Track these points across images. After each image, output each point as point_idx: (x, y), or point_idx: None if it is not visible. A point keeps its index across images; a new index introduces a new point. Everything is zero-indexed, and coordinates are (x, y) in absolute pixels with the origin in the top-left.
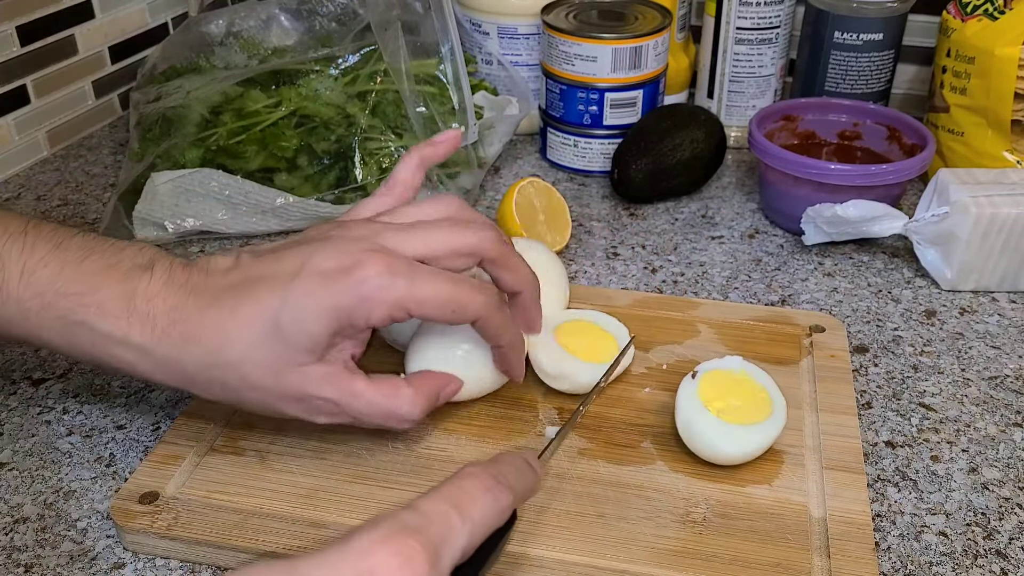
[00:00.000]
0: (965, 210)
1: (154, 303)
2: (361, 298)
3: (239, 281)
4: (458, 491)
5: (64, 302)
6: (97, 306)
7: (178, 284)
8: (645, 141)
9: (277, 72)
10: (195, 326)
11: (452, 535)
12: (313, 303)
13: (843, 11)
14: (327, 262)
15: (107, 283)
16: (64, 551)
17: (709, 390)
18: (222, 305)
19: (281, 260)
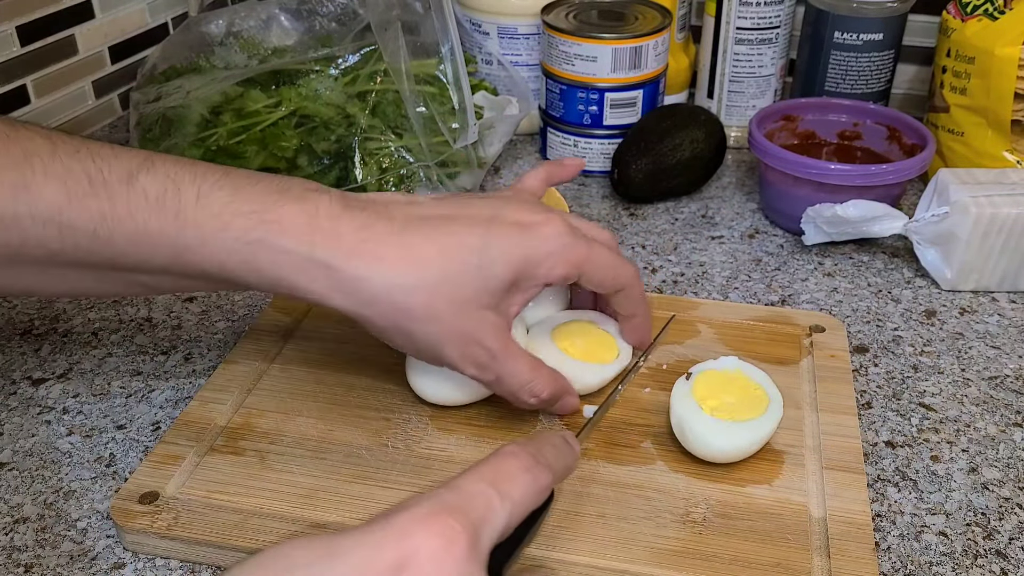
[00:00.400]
0: (965, 210)
1: (340, 222)
2: (548, 252)
3: (431, 215)
4: (497, 470)
5: (242, 221)
6: (278, 222)
7: (357, 208)
8: (645, 141)
9: (277, 72)
10: (390, 248)
11: (492, 515)
12: (507, 247)
13: (843, 11)
14: (519, 214)
15: (284, 202)
16: (64, 551)
17: (703, 389)
18: (417, 232)
19: (467, 205)
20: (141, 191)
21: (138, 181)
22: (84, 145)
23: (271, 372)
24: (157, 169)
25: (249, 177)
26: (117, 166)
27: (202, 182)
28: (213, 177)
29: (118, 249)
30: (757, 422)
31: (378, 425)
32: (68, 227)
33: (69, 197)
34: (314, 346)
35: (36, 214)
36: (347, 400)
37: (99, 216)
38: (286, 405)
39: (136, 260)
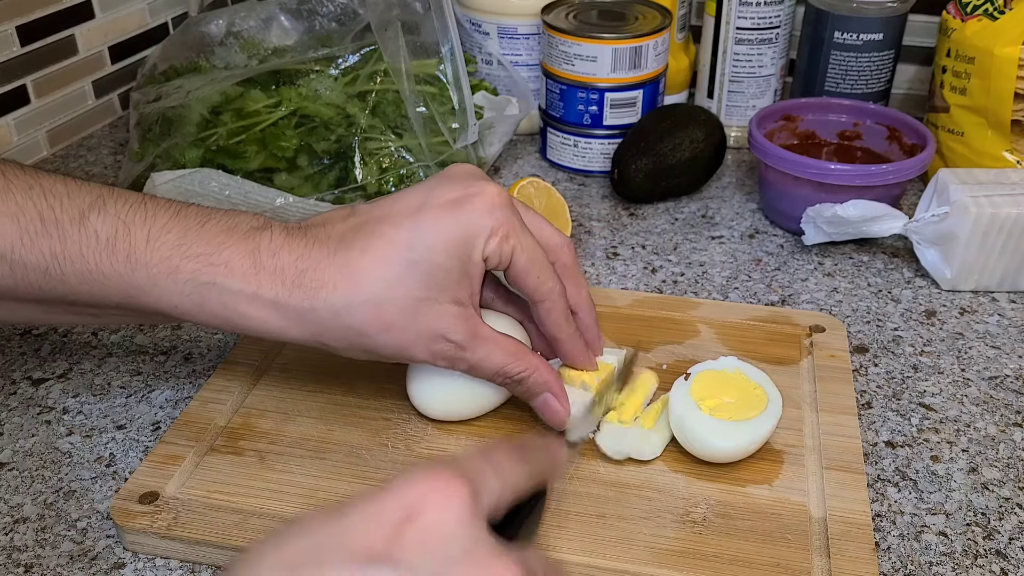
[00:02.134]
0: (965, 210)
1: (279, 256)
2: (481, 225)
3: (361, 223)
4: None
5: (191, 264)
6: (225, 265)
7: (298, 237)
8: (645, 141)
9: (277, 72)
10: (326, 271)
11: (486, 480)
12: (438, 232)
13: (843, 11)
14: (449, 193)
15: (230, 242)
16: (64, 551)
17: (702, 389)
18: (350, 247)
19: (399, 199)
20: (93, 232)
21: (89, 222)
22: (37, 181)
23: (271, 372)
24: (108, 210)
25: (199, 216)
26: (69, 205)
27: (152, 223)
28: (164, 218)
29: (70, 287)
30: (756, 421)
31: (378, 425)
32: (20, 265)
33: (21, 236)
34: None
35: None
36: (347, 400)
37: (51, 256)
38: (286, 405)
39: (89, 298)
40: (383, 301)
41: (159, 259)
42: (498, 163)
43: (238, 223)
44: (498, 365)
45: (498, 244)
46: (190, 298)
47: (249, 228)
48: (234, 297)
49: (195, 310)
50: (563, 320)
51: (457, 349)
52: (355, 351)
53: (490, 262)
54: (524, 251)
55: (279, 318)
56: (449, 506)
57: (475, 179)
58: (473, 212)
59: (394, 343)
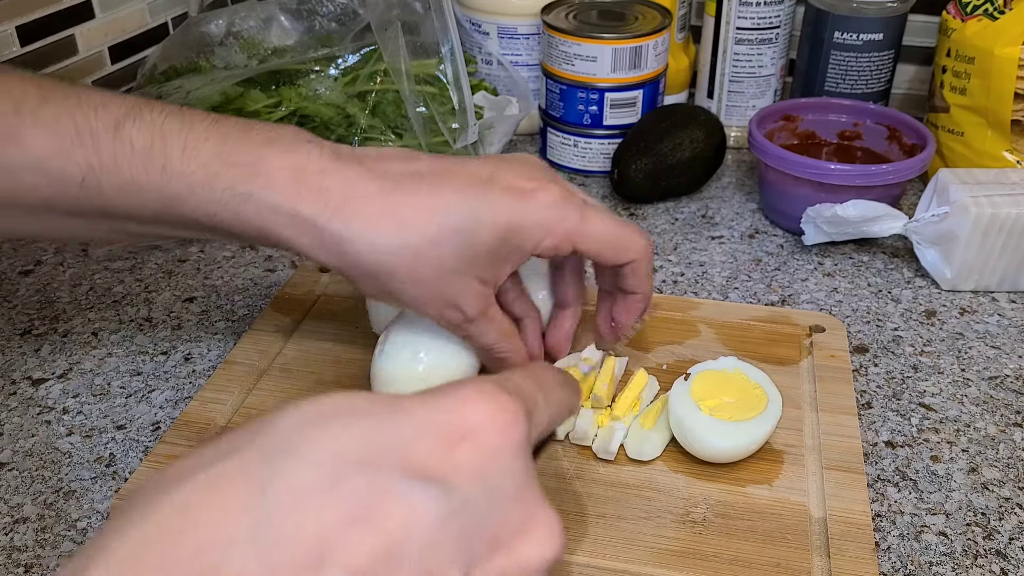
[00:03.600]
0: (965, 210)
1: (328, 176)
2: (537, 222)
3: (423, 172)
4: (539, 376)
5: (230, 173)
6: (265, 176)
7: (350, 163)
8: (645, 141)
9: (277, 72)
10: (376, 208)
11: (538, 412)
12: (496, 213)
13: (843, 11)
14: (515, 179)
15: (272, 155)
16: (64, 551)
17: (701, 389)
18: (406, 192)
19: (465, 164)
20: (128, 141)
21: (125, 131)
22: (74, 92)
23: (271, 372)
24: (144, 118)
25: (239, 126)
26: (104, 115)
27: (189, 132)
28: (201, 127)
29: (107, 198)
30: (755, 422)
31: None
32: (57, 177)
33: (57, 147)
34: (314, 346)
35: (26, 164)
36: None
37: (87, 167)
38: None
39: (125, 209)
40: (420, 256)
41: (196, 167)
42: None
43: (283, 135)
44: (491, 341)
45: (554, 243)
46: (227, 207)
47: (295, 140)
48: (272, 210)
49: (232, 219)
50: (643, 279)
51: (465, 321)
52: (373, 289)
53: (545, 256)
54: (590, 240)
55: (312, 239)
56: (508, 434)
57: (541, 171)
58: (535, 206)
59: (415, 296)
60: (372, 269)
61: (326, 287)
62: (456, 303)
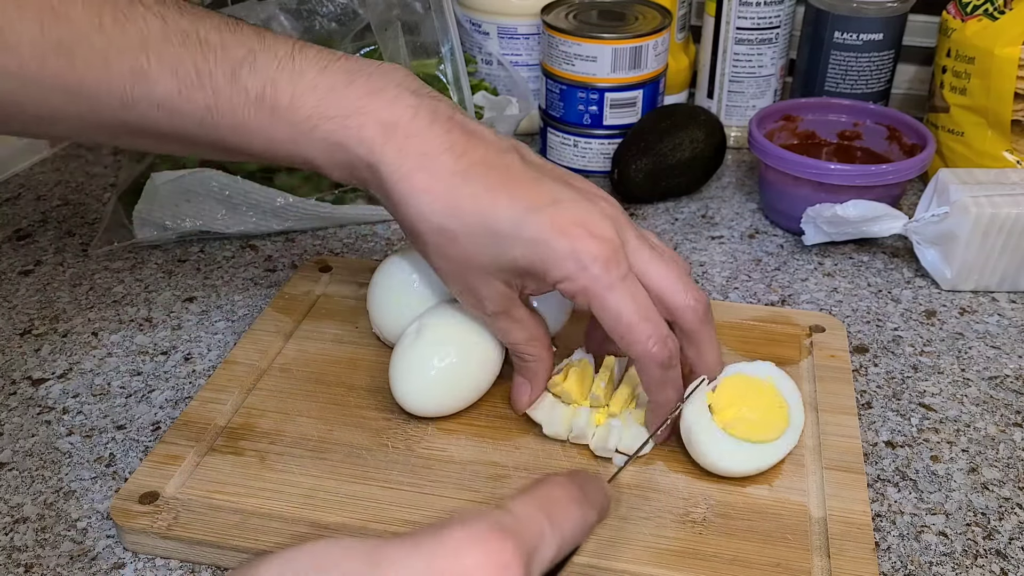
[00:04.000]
0: (965, 210)
1: (412, 142)
2: (568, 272)
3: (498, 166)
4: (549, 499)
5: (328, 124)
6: (358, 128)
7: (441, 130)
8: (645, 141)
9: None
10: (439, 183)
11: (543, 544)
12: (535, 240)
13: (843, 11)
14: (573, 217)
15: (371, 108)
16: (64, 551)
17: (724, 396)
18: (471, 181)
19: (542, 176)
20: (243, 88)
21: (240, 78)
22: (193, 27)
23: (271, 372)
24: (258, 66)
25: (347, 74)
26: (223, 58)
27: (297, 82)
28: (310, 75)
29: (221, 135)
30: (768, 446)
31: (378, 425)
32: (179, 115)
33: (179, 88)
34: (314, 346)
35: (152, 100)
36: (347, 400)
37: (205, 109)
38: (286, 405)
39: (236, 146)
40: (456, 240)
41: (301, 117)
42: None
43: (386, 85)
44: (514, 340)
45: (571, 293)
46: (324, 154)
47: (398, 92)
48: (359, 160)
49: (328, 163)
50: (655, 383)
51: (484, 314)
52: (417, 244)
53: (566, 296)
54: (604, 312)
55: (382, 191)
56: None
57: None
58: (569, 253)
59: (443, 270)
60: (412, 231)
61: (326, 287)
62: (479, 296)
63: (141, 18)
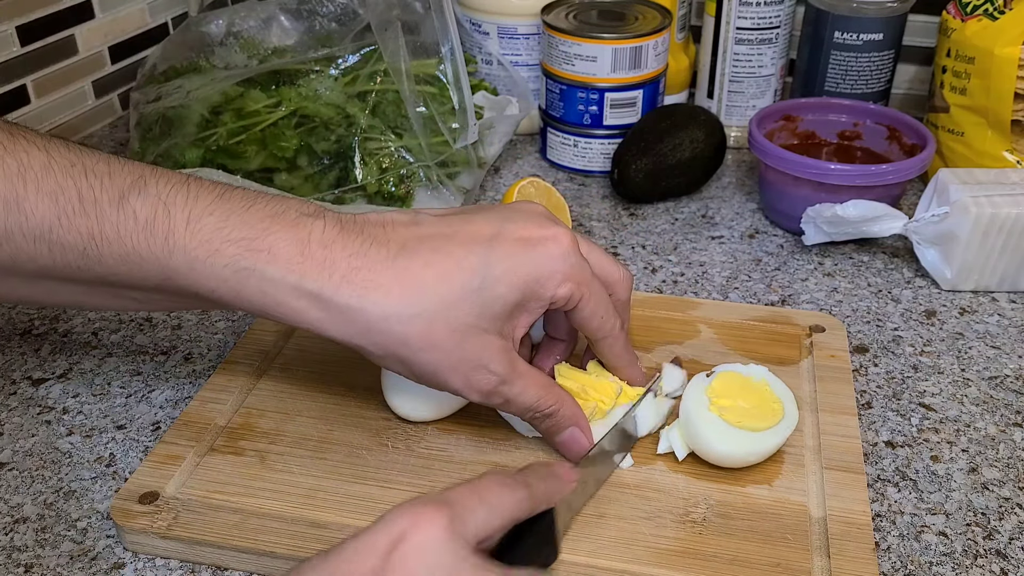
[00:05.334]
0: (965, 210)
1: (332, 249)
2: (553, 271)
3: (427, 235)
4: (476, 482)
5: (232, 248)
6: (268, 251)
7: (353, 233)
8: (645, 141)
9: (277, 72)
10: (383, 275)
11: (470, 509)
12: (511, 267)
13: (843, 11)
14: (524, 230)
15: (276, 229)
16: (64, 551)
17: (720, 388)
18: (413, 256)
19: (469, 222)
20: (131, 213)
21: (129, 203)
22: (79, 159)
23: (271, 372)
24: (149, 190)
25: (244, 199)
26: (110, 185)
27: (194, 205)
28: (206, 200)
29: (108, 268)
30: (762, 434)
31: (378, 425)
32: (58, 245)
33: (59, 216)
34: (314, 346)
35: (27, 231)
36: (347, 400)
37: (88, 236)
38: (286, 405)
39: (127, 279)
40: (435, 319)
41: (198, 242)
42: (498, 163)
43: (287, 209)
44: (533, 399)
45: (569, 291)
46: (227, 283)
47: (299, 215)
48: (274, 285)
49: (231, 296)
50: (623, 351)
51: (498, 383)
52: (390, 360)
53: (556, 304)
54: (592, 297)
55: (319, 311)
56: (430, 531)
57: (548, 220)
58: (547, 255)
59: (434, 363)
60: (385, 338)
61: None
62: (482, 364)
63: (23, 150)
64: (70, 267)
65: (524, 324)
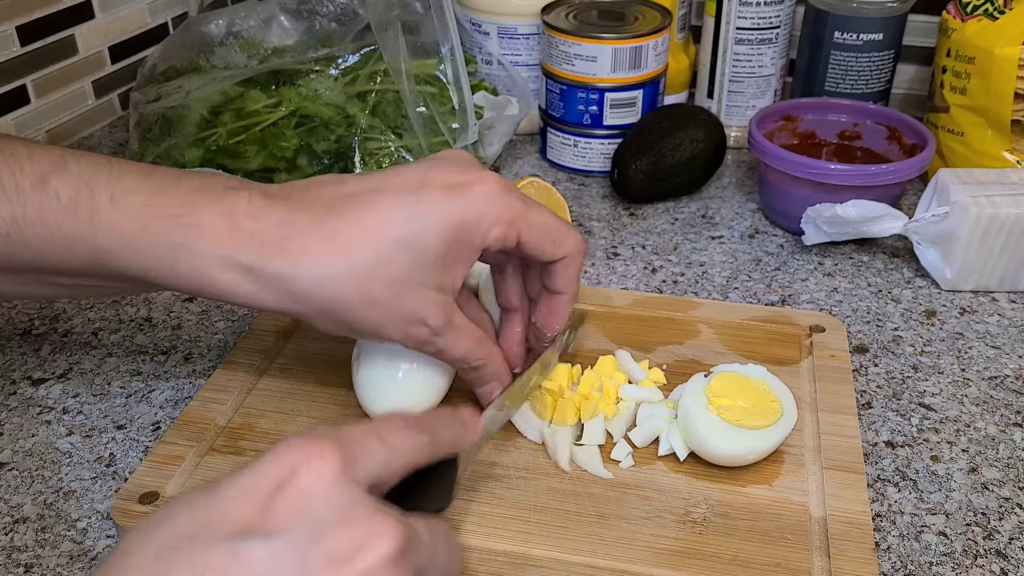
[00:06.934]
0: (965, 210)
1: (259, 220)
2: (481, 213)
3: (352, 193)
4: (378, 423)
5: (160, 225)
6: (196, 226)
7: (279, 201)
8: (645, 141)
9: (277, 72)
10: (314, 239)
11: (369, 449)
12: (437, 215)
13: (843, 11)
14: (448, 176)
15: (203, 202)
16: (64, 551)
17: (718, 387)
18: (340, 216)
19: (394, 175)
20: (53, 194)
21: (50, 184)
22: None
23: (271, 372)
24: (70, 170)
25: (168, 176)
26: (30, 168)
27: (117, 183)
28: (131, 178)
29: (35, 252)
30: (760, 432)
31: None
32: None
33: None
34: (314, 346)
35: None
36: (347, 400)
37: (11, 220)
38: (286, 405)
39: (55, 263)
40: (371, 275)
41: (125, 219)
42: (498, 163)
43: (213, 183)
44: (463, 352)
45: (502, 232)
46: (160, 261)
47: (225, 188)
48: (206, 260)
49: (166, 274)
50: (575, 277)
51: (431, 334)
52: (330, 323)
53: (492, 248)
54: (533, 229)
55: (253, 284)
56: (321, 470)
57: (473, 165)
58: (475, 199)
59: (374, 320)
60: (322, 303)
61: None
62: (418, 317)
63: None
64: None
65: (460, 274)
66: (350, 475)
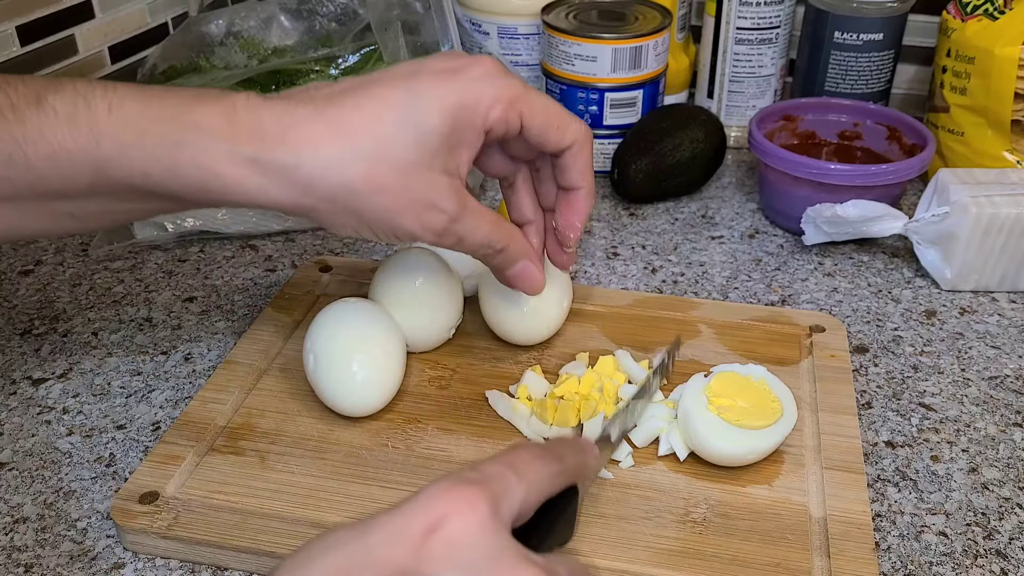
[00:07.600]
0: (965, 210)
1: (258, 114)
2: (481, 92)
3: (349, 87)
4: (512, 456)
5: (159, 127)
6: (196, 124)
7: (277, 100)
8: (645, 141)
9: (277, 72)
10: (313, 127)
11: (509, 489)
12: (437, 95)
13: (843, 11)
14: (443, 63)
15: (200, 104)
16: (64, 551)
17: (718, 387)
18: (340, 105)
19: (390, 69)
20: (51, 110)
21: (47, 101)
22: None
23: (271, 372)
24: (65, 88)
25: (163, 89)
26: (25, 90)
27: (113, 95)
28: (125, 91)
29: (38, 172)
30: (761, 432)
31: (378, 425)
32: None
33: None
34: None
35: None
36: None
37: (11, 141)
38: (286, 405)
39: (59, 183)
40: (376, 159)
41: (123, 125)
42: None
43: (208, 90)
44: (484, 235)
45: (503, 112)
46: (161, 162)
47: (220, 92)
48: (208, 155)
49: (167, 176)
50: (587, 168)
51: (449, 220)
52: (341, 215)
53: (495, 131)
54: (535, 111)
55: (259, 176)
56: (471, 516)
57: (467, 55)
58: (472, 79)
59: (384, 207)
60: (329, 192)
61: (326, 287)
62: (432, 202)
63: None
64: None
65: (466, 158)
66: (497, 521)
